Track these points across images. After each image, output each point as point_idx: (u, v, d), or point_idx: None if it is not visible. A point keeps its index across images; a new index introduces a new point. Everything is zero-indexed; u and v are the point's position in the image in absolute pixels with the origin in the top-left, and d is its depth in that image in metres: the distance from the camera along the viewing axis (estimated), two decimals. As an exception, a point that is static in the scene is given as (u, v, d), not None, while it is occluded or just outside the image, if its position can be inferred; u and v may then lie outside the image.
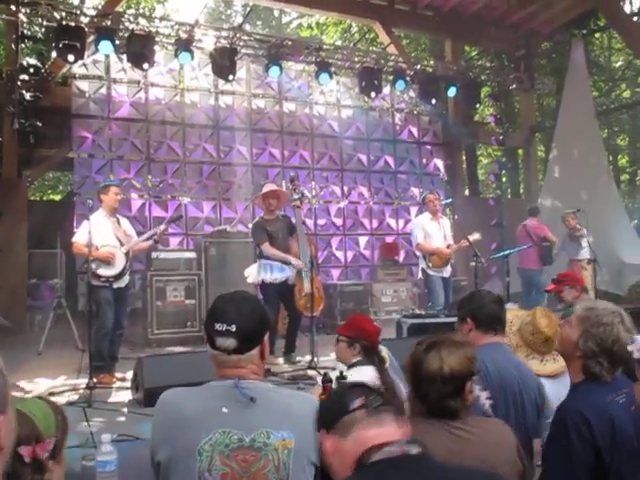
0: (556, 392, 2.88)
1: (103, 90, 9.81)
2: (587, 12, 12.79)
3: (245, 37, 10.02)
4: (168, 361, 5.41)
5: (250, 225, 8.04)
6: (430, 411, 1.99)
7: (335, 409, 1.49)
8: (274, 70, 9.81)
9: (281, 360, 6.90)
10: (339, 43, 17.72)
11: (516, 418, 2.48)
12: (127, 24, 8.89)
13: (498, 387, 2.49)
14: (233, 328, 1.85)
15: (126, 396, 5.29)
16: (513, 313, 3.22)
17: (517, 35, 12.97)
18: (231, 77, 9.58)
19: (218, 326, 1.87)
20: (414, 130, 12.54)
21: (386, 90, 11.65)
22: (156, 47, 9.08)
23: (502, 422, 2.15)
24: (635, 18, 14.06)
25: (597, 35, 16.80)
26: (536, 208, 10.16)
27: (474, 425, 1.99)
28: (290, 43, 10.23)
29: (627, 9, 15.12)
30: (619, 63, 19.35)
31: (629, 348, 1.72)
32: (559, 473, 2.08)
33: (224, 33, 9.76)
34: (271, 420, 1.80)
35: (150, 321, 8.06)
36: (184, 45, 9.15)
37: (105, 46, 8.57)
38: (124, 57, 9.19)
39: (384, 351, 3.39)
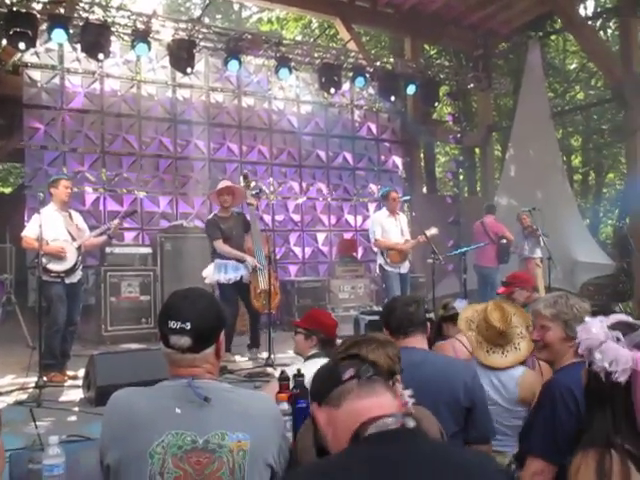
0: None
1: (56, 80, 9.51)
2: (544, 14, 13.00)
3: (204, 30, 9.84)
4: (121, 359, 5.31)
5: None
6: None
7: (327, 381, 1.48)
8: (233, 64, 9.67)
9: (238, 357, 6.86)
10: (299, 38, 17.66)
11: None
12: (82, 12, 8.63)
13: None
14: (187, 326, 1.79)
15: (77, 395, 5.18)
16: (473, 309, 3.22)
17: (476, 35, 13.08)
18: (189, 70, 9.39)
19: (172, 324, 1.81)
20: (373, 127, 12.56)
21: (346, 86, 11.63)
22: (112, 37, 8.83)
23: (424, 410, 2.12)
24: (590, 22, 14.30)
25: (553, 37, 17.09)
26: (493, 206, 10.30)
27: None
28: (250, 37, 10.09)
29: (582, 13, 15.42)
30: (573, 65, 19.77)
31: (578, 328, 1.78)
32: (544, 440, 2.20)
33: (182, 25, 9.56)
34: (227, 421, 1.75)
35: (104, 317, 7.93)
36: (141, 36, 8.93)
37: (58, 35, 8.29)
38: (78, 46, 8.89)
39: None
